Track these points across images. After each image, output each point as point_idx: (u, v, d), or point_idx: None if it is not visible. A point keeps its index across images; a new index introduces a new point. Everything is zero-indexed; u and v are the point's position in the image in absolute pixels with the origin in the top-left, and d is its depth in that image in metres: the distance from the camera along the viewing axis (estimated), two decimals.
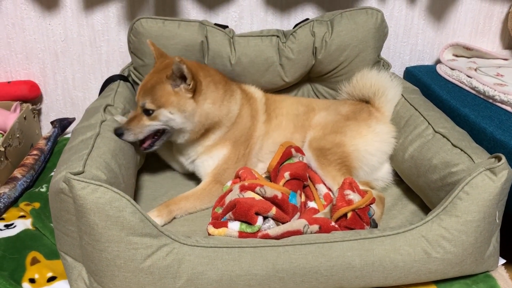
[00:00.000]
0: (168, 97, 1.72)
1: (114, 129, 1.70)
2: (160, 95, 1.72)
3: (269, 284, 1.36)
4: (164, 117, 1.73)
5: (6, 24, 2.29)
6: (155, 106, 1.72)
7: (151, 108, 1.72)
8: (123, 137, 1.71)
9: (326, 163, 1.79)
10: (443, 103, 2.07)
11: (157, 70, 1.80)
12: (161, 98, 1.71)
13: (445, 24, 2.50)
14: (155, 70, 1.81)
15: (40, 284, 1.45)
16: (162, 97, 1.71)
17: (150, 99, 1.71)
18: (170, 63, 1.74)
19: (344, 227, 1.53)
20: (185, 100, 1.74)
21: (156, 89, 1.72)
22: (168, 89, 1.72)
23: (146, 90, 1.74)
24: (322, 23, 2.08)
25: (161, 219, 1.65)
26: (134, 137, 1.74)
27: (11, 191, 1.83)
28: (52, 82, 2.42)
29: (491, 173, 1.43)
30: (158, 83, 1.73)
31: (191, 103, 1.75)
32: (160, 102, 1.72)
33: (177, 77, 1.71)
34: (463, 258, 1.42)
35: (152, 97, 1.71)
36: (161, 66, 1.79)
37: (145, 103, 1.72)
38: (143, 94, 1.74)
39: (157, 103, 1.71)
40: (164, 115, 1.73)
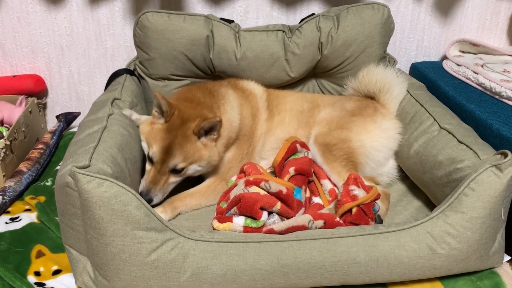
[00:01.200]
0: (200, 152, 1.68)
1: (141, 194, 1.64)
2: (192, 152, 1.66)
3: (274, 279, 1.36)
4: (191, 171, 1.71)
5: (12, 18, 2.29)
6: (187, 163, 1.67)
7: (183, 166, 1.67)
8: (153, 202, 1.66)
9: (332, 158, 1.78)
10: (449, 99, 2.06)
11: (174, 126, 1.67)
12: (194, 156, 1.67)
13: (452, 20, 2.48)
14: (172, 127, 1.67)
15: (45, 277, 1.45)
16: (195, 154, 1.67)
17: (182, 159, 1.65)
18: (185, 116, 1.68)
19: (349, 223, 1.53)
20: (213, 149, 1.72)
21: (186, 147, 1.66)
22: (198, 145, 1.68)
23: (175, 149, 1.64)
24: (328, 18, 2.07)
25: (165, 215, 1.66)
26: (163, 197, 1.70)
27: (16, 185, 1.83)
28: (58, 76, 2.42)
29: (497, 170, 1.43)
30: (186, 141, 1.66)
31: (215, 150, 1.73)
32: (193, 159, 1.67)
33: (203, 130, 1.68)
34: (468, 255, 1.42)
35: (185, 155, 1.65)
36: (177, 121, 1.67)
37: (177, 163, 1.65)
38: (173, 153, 1.64)
39: (190, 160, 1.67)
40: (193, 169, 1.70)
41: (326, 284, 1.40)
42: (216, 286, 1.35)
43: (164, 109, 1.67)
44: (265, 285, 1.36)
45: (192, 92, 1.85)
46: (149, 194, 1.65)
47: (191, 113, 1.70)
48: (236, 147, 1.87)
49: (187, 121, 1.67)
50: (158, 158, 1.65)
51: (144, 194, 1.65)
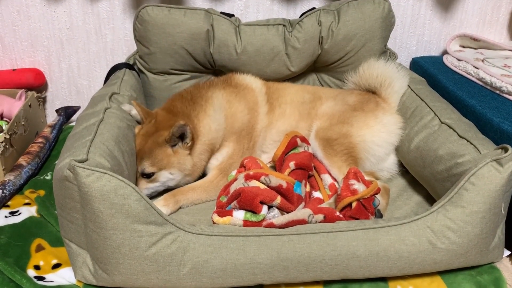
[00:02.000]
0: (169, 158, 1.71)
1: None
2: (160, 158, 1.70)
3: (274, 272, 1.36)
4: (164, 178, 1.73)
5: (11, 11, 2.28)
6: (156, 168, 1.70)
7: (151, 171, 1.70)
8: None
9: (332, 153, 1.78)
10: (449, 94, 2.06)
11: (148, 133, 1.73)
12: (162, 161, 1.70)
13: (452, 15, 2.47)
14: (146, 133, 1.73)
15: (45, 271, 1.45)
16: (163, 159, 1.70)
17: (149, 163, 1.69)
18: (161, 125, 1.73)
19: (348, 217, 1.53)
20: (185, 157, 1.74)
21: (156, 153, 1.69)
22: (168, 151, 1.71)
23: (144, 155, 1.70)
24: (328, 13, 2.07)
25: (167, 208, 1.66)
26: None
27: (16, 179, 1.83)
28: (57, 70, 2.41)
29: (497, 164, 1.42)
30: (156, 147, 1.70)
31: (189, 159, 1.75)
32: (161, 164, 1.70)
33: (176, 137, 1.70)
34: (468, 249, 1.42)
35: (152, 161, 1.69)
36: (152, 129, 1.73)
37: (145, 168, 1.69)
38: (141, 159, 1.70)
39: (158, 166, 1.70)
40: (164, 176, 1.72)
41: (326, 278, 1.40)
42: (216, 280, 1.35)
43: (139, 116, 1.78)
44: (265, 279, 1.37)
45: (174, 102, 1.87)
46: None
47: (166, 123, 1.74)
48: (235, 142, 1.86)
49: (161, 129, 1.72)
50: (136, 162, 1.71)
51: None
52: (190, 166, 1.76)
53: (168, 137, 1.69)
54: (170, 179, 1.74)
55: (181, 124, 1.67)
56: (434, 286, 1.44)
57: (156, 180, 1.72)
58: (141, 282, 1.34)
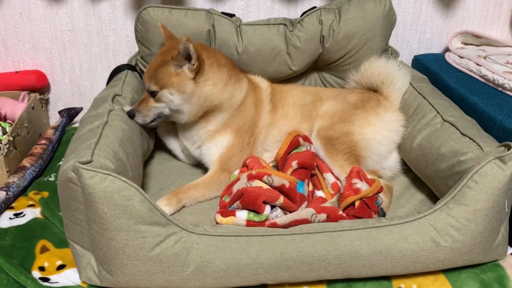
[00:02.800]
0: (169, 78, 1.74)
1: (127, 111, 1.76)
2: (162, 76, 1.75)
3: (277, 272, 1.36)
4: (165, 98, 1.76)
5: (13, 13, 2.29)
6: (158, 87, 1.75)
7: (155, 89, 1.76)
8: (134, 118, 1.77)
9: (334, 152, 1.78)
10: (451, 92, 2.06)
11: (162, 52, 1.81)
12: (163, 79, 1.74)
13: (454, 12, 2.47)
14: (161, 52, 1.82)
15: (49, 272, 1.46)
16: (164, 78, 1.74)
17: (154, 81, 1.75)
18: (176, 45, 1.76)
19: (351, 216, 1.53)
20: (185, 80, 1.75)
21: (159, 70, 1.75)
22: (170, 70, 1.75)
23: (151, 72, 1.77)
24: (329, 11, 2.06)
25: (170, 207, 1.66)
26: (143, 120, 1.79)
27: (20, 180, 1.84)
28: (60, 71, 2.42)
29: (500, 162, 1.42)
30: (162, 65, 1.76)
31: (191, 84, 1.76)
32: (162, 83, 1.75)
33: (182, 57, 1.72)
34: (472, 247, 1.42)
35: (156, 78, 1.75)
36: (167, 48, 1.81)
37: (150, 85, 1.76)
38: (149, 76, 1.78)
39: (160, 84, 1.75)
40: (165, 96, 1.76)
41: (330, 277, 1.40)
42: (220, 280, 1.35)
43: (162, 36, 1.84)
44: (269, 278, 1.37)
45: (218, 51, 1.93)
46: (132, 112, 1.78)
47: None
48: (235, 133, 1.86)
49: (172, 49, 1.76)
50: (143, 80, 1.80)
51: (130, 110, 1.78)
52: (189, 91, 1.76)
53: (175, 55, 1.71)
54: (170, 100, 1.77)
55: (184, 40, 1.68)
56: (437, 284, 1.44)
57: (160, 100, 1.77)
58: (145, 283, 1.34)
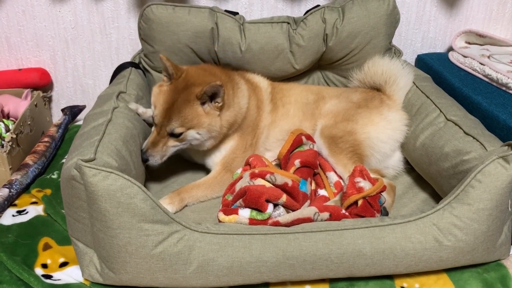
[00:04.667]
0: (199, 118, 1.67)
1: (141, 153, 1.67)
2: (191, 117, 1.65)
3: (279, 271, 1.36)
4: (191, 137, 1.70)
5: (17, 11, 2.29)
6: (185, 128, 1.67)
7: (180, 131, 1.66)
8: (149, 162, 1.68)
9: (338, 151, 1.78)
10: (455, 91, 2.05)
11: (177, 89, 1.68)
12: (192, 121, 1.66)
13: (458, 11, 2.46)
14: (174, 89, 1.68)
15: (52, 269, 1.46)
16: (193, 119, 1.66)
17: (179, 122, 1.65)
18: (191, 81, 1.68)
19: (354, 215, 1.53)
20: (215, 118, 1.70)
21: (185, 111, 1.65)
22: (198, 110, 1.67)
23: (173, 112, 1.64)
24: (333, 10, 2.06)
25: (172, 206, 1.66)
26: (161, 161, 1.71)
27: (23, 178, 1.84)
28: (63, 69, 2.42)
29: (504, 161, 1.42)
30: (186, 104, 1.65)
31: (218, 120, 1.72)
32: (191, 123, 1.66)
33: (207, 96, 1.67)
34: (475, 247, 1.41)
35: (183, 119, 1.65)
36: (181, 84, 1.68)
37: (174, 127, 1.65)
38: (171, 117, 1.65)
39: (188, 125, 1.66)
40: (192, 135, 1.70)
41: (332, 276, 1.40)
42: (222, 278, 1.35)
43: (170, 71, 1.69)
44: (271, 277, 1.37)
45: (212, 67, 1.87)
46: (146, 153, 1.67)
47: (199, 78, 1.69)
48: (239, 137, 1.87)
49: (192, 85, 1.67)
50: (158, 120, 1.67)
51: (142, 153, 1.67)
52: (218, 128, 1.72)
53: (200, 94, 1.64)
54: (195, 139, 1.71)
55: (217, 84, 1.62)
56: (440, 283, 1.43)
57: (183, 140, 1.70)
58: (147, 281, 1.34)
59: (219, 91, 1.66)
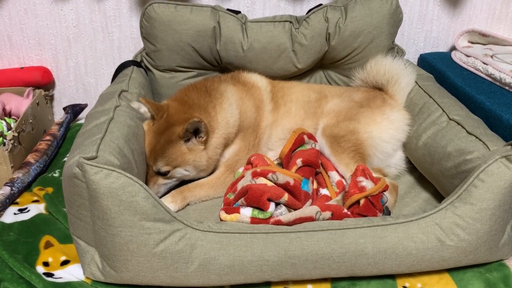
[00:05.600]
0: (183, 156, 1.68)
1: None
2: (174, 156, 1.67)
3: (281, 270, 1.36)
4: (179, 174, 1.72)
5: (19, 10, 2.29)
6: (171, 167, 1.69)
7: (166, 170, 1.69)
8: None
9: (340, 150, 1.78)
10: (458, 91, 2.05)
11: (160, 129, 1.70)
12: (176, 160, 1.68)
13: (461, 10, 2.46)
14: (157, 130, 1.70)
15: (53, 267, 1.46)
16: (177, 158, 1.68)
17: (164, 162, 1.67)
18: (171, 120, 1.69)
19: (356, 214, 1.52)
20: (200, 153, 1.71)
21: (169, 151, 1.67)
22: (182, 149, 1.68)
23: (157, 153, 1.67)
24: (335, 9, 2.06)
25: (175, 205, 1.66)
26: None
27: (24, 176, 1.84)
28: (64, 68, 2.42)
29: (507, 161, 1.41)
30: (169, 144, 1.67)
31: (204, 154, 1.73)
32: (175, 163, 1.68)
33: (190, 132, 1.68)
34: (477, 246, 1.41)
35: (167, 159, 1.67)
36: (164, 124, 1.70)
37: (160, 167, 1.68)
38: (156, 158, 1.68)
39: (172, 164, 1.68)
40: (179, 172, 1.71)
41: (334, 275, 1.40)
42: (224, 277, 1.35)
43: (151, 112, 1.72)
44: (273, 276, 1.36)
45: (188, 93, 1.84)
46: None
47: (179, 116, 1.70)
48: (241, 139, 1.87)
49: (173, 125, 1.68)
50: (148, 160, 1.70)
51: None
52: (205, 161, 1.74)
53: (182, 133, 1.66)
54: (185, 175, 1.74)
55: (195, 121, 1.64)
56: (442, 283, 1.43)
57: (171, 177, 1.72)
58: (149, 279, 1.34)
59: (200, 127, 1.67)
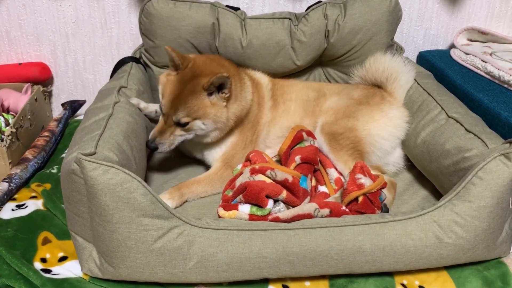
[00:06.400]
0: (205, 109, 1.68)
1: (147, 144, 1.69)
2: (197, 108, 1.67)
3: (279, 267, 1.36)
4: (197, 127, 1.71)
5: (17, 5, 2.28)
6: (191, 118, 1.68)
7: (186, 121, 1.68)
8: (158, 150, 1.70)
9: (338, 147, 1.78)
10: (457, 88, 2.05)
11: (184, 79, 1.69)
12: (198, 111, 1.67)
13: (460, 8, 2.45)
14: (181, 80, 1.69)
15: (51, 263, 1.46)
16: (199, 109, 1.67)
17: (186, 112, 1.66)
18: (198, 71, 1.69)
19: (355, 211, 1.52)
20: (221, 109, 1.71)
21: (191, 101, 1.66)
22: (205, 101, 1.68)
23: (180, 103, 1.66)
24: (335, 6, 2.05)
25: (172, 201, 1.66)
26: (168, 148, 1.72)
27: (22, 172, 1.84)
28: (63, 64, 2.42)
29: (505, 158, 1.41)
30: (192, 95, 1.66)
31: (225, 112, 1.73)
32: (197, 114, 1.67)
33: (214, 87, 1.68)
34: (475, 244, 1.41)
35: (189, 110, 1.66)
36: (188, 75, 1.69)
37: (180, 117, 1.67)
38: (177, 107, 1.66)
39: (194, 115, 1.67)
40: (197, 126, 1.71)
41: (332, 272, 1.40)
42: (222, 274, 1.35)
43: (176, 61, 1.70)
44: (271, 273, 1.37)
45: (221, 58, 1.89)
46: (154, 142, 1.69)
47: (206, 68, 1.71)
48: (240, 132, 1.86)
49: (198, 76, 1.68)
50: (165, 109, 1.69)
51: (150, 141, 1.69)
52: (224, 119, 1.73)
53: (207, 85, 1.65)
54: (201, 129, 1.73)
55: (223, 75, 1.64)
56: (440, 281, 1.43)
57: (189, 129, 1.71)
58: (147, 276, 1.34)
59: (226, 83, 1.67)
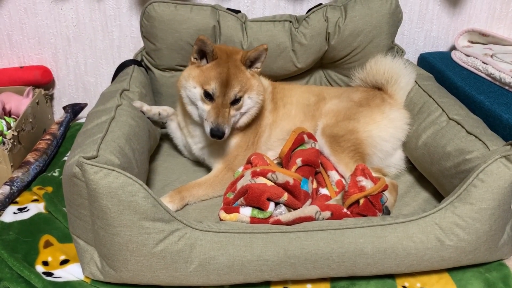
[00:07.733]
0: (249, 81, 1.77)
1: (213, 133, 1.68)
2: (245, 80, 1.75)
3: (280, 269, 1.36)
4: (245, 104, 1.77)
5: (19, 9, 2.29)
6: (243, 92, 1.74)
7: (241, 95, 1.74)
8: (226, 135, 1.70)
9: (339, 150, 1.77)
10: (457, 90, 2.04)
11: (222, 61, 1.74)
12: (246, 83, 1.75)
13: (461, 10, 2.45)
14: (221, 62, 1.74)
15: (53, 266, 1.46)
16: (247, 82, 1.75)
17: (240, 87, 1.73)
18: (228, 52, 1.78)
19: (356, 214, 1.52)
20: (259, 81, 1.80)
21: (240, 76, 1.74)
22: (247, 74, 1.77)
23: (232, 78, 1.71)
24: (335, 8, 2.05)
25: (173, 205, 1.66)
26: (229, 131, 1.74)
27: (24, 175, 1.84)
28: (64, 67, 2.42)
29: (506, 161, 1.41)
30: (238, 70, 1.74)
31: (261, 84, 1.81)
32: (246, 87, 1.75)
33: (249, 61, 1.76)
34: (477, 246, 1.41)
35: (241, 84, 1.73)
36: (224, 56, 1.76)
37: (236, 92, 1.72)
38: (232, 83, 1.71)
39: (244, 88, 1.74)
40: (246, 102, 1.77)
41: (333, 275, 1.40)
42: (223, 277, 1.35)
43: (209, 49, 1.73)
44: (272, 275, 1.36)
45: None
46: (221, 128, 1.68)
47: (234, 49, 1.81)
48: (243, 134, 1.86)
49: (232, 54, 1.77)
50: (219, 91, 1.71)
51: (216, 130, 1.68)
52: (261, 91, 1.80)
53: (244, 59, 1.74)
54: (247, 106, 1.78)
55: (263, 47, 1.74)
56: (442, 283, 1.43)
57: (240, 107, 1.77)
58: (148, 279, 1.34)
59: (262, 55, 1.76)
